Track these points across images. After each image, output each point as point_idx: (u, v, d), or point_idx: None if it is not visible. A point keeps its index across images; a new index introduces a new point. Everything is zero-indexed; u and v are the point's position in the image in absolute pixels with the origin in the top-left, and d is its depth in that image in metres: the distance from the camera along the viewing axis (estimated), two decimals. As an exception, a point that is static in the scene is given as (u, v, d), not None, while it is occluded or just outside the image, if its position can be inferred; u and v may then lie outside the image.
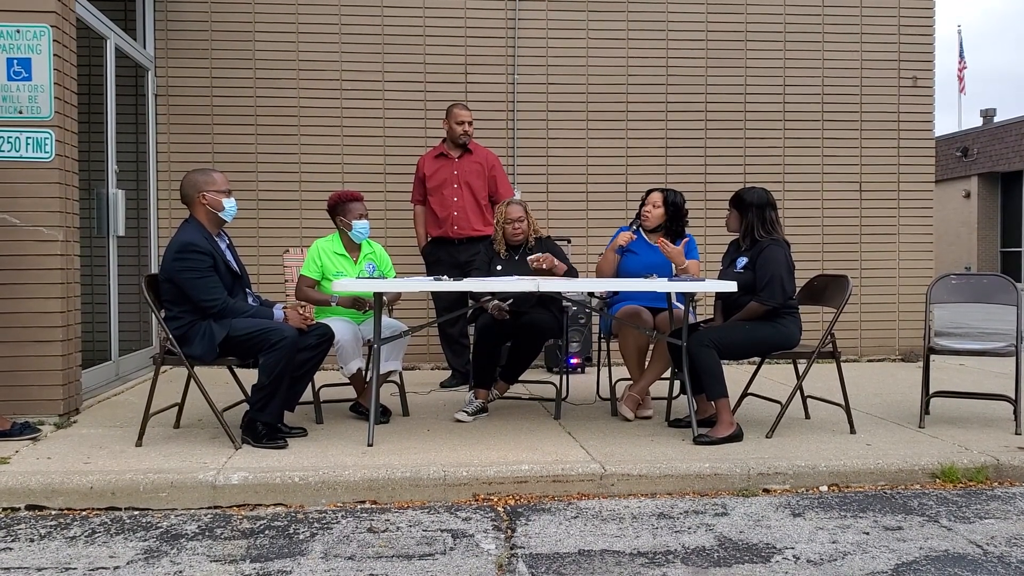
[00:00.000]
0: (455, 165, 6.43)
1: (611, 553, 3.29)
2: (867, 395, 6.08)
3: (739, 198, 4.94)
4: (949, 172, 24.23)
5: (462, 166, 6.42)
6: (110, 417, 5.20)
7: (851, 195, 8.08)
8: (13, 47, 4.90)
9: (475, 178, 6.41)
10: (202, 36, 7.38)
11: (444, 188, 6.41)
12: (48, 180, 4.93)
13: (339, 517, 3.71)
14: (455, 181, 6.39)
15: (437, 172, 6.45)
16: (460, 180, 6.39)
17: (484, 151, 6.58)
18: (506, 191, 6.45)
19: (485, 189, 6.43)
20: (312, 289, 5.16)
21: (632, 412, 5.18)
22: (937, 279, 5.32)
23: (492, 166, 6.50)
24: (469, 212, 6.36)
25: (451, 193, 6.39)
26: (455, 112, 6.42)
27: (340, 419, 5.18)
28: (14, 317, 4.88)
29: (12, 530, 3.53)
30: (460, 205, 6.37)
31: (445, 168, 6.44)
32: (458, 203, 6.37)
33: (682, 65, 7.86)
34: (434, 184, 6.44)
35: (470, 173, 6.41)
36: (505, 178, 6.64)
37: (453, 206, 6.38)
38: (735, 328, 4.78)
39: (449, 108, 6.50)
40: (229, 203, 4.62)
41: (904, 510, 3.83)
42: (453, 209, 6.37)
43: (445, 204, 6.40)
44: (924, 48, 8.12)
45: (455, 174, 6.41)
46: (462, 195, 6.38)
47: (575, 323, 7.01)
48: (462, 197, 6.37)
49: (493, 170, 6.49)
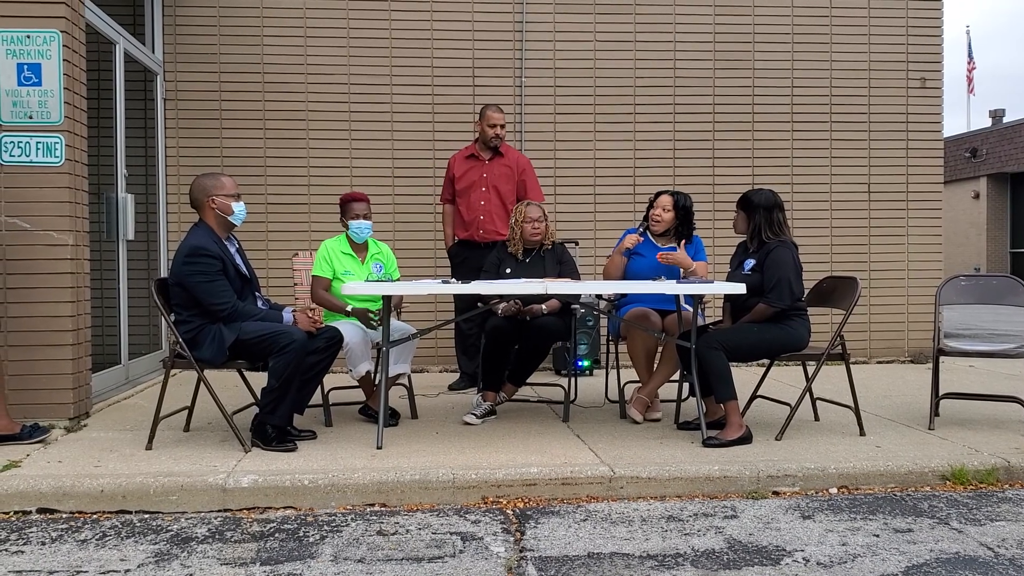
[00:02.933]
0: (485, 167, 6.36)
1: (620, 556, 3.29)
2: (876, 397, 6.06)
3: (746, 200, 4.93)
4: (958, 173, 24.12)
5: (492, 169, 6.35)
6: (120, 421, 5.22)
7: (859, 196, 8.07)
8: (23, 52, 4.92)
9: (504, 182, 6.33)
10: (210, 40, 7.40)
11: (472, 191, 6.35)
12: (58, 184, 4.95)
13: (348, 520, 3.72)
14: (483, 184, 6.32)
15: (466, 173, 6.39)
16: (488, 183, 6.32)
17: (516, 154, 6.50)
18: (535, 196, 6.30)
19: (513, 193, 6.32)
20: (328, 293, 5.17)
21: (641, 414, 5.17)
22: (946, 280, 5.31)
23: (523, 170, 6.40)
24: (495, 216, 6.27)
25: (478, 196, 6.33)
26: (488, 114, 6.34)
27: (349, 422, 5.19)
28: (25, 321, 4.90)
29: (24, 533, 3.55)
30: (486, 208, 6.30)
31: (475, 170, 6.38)
32: (484, 207, 6.30)
33: (690, 67, 7.86)
34: (463, 186, 6.39)
35: (499, 176, 6.33)
36: (535, 182, 6.48)
37: (479, 209, 6.31)
38: (744, 330, 4.77)
39: (482, 110, 6.42)
40: (238, 207, 4.63)
41: (914, 512, 3.82)
42: (479, 212, 6.31)
43: (472, 207, 6.34)
44: (932, 48, 8.10)
45: (484, 176, 6.34)
46: (489, 198, 6.30)
47: (583, 325, 7.00)
48: (489, 201, 6.30)
49: (523, 174, 6.39)
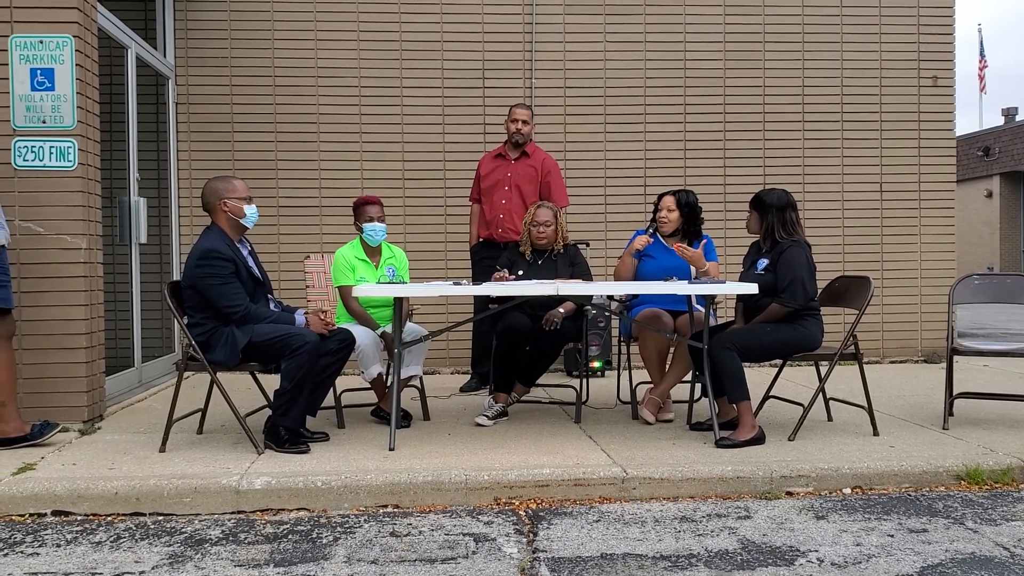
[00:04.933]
0: (510, 167, 6.34)
1: (633, 557, 3.28)
2: (890, 397, 6.03)
3: (759, 200, 4.92)
4: (970, 172, 24.00)
5: (516, 169, 6.33)
6: (133, 423, 5.25)
7: (871, 196, 8.04)
8: (36, 57, 4.95)
9: (527, 182, 6.29)
10: (222, 45, 7.44)
11: (495, 190, 6.34)
12: (71, 188, 4.98)
13: (362, 521, 3.72)
14: (506, 183, 6.31)
15: (492, 173, 6.39)
16: (511, 183, 6.29)
17: (542, 155, 6.44)
18: (559, 198, 6.27)
19: (535, 194, 6.25)
20: (363, 309, 5.16)
21: (653, 415, 5.16)
22: (960, 279, 5.29)
23: (548, 171, 6.34)
24: (515, 216, 6.20)
25: (500, 196, 6.31)
26: (512, 110, 6.35)
27: (361, 424, 5.19)
28: (39, 324, 4.93)
29: (39, 535, 3.56)
30: (507, 208, 6.28)
31: (500, 169, 6.37)
32: (505, 206, 6.28)
33: (700, 67, 7.85)
34: (487, 185, 6.38)
35: (522, 177, 6.30)
36: (560, 184, 6.41)
37: (500, 208, 6.30)
38: (756, 330, 4.75)
39: (510, 107, 6.43)
40: (250, 210, 4.65)
41: (929, 512, 3.80)
42: (500, 212, 6.30)
43: (494, 206, 6.33)
44: (944, 47, 8.07)
45: (508, 176, 6.32)
46: (511, 198, 6.28)
47: (595, 326, 6.99)
48: (510, 200, 6.28)
49: (548, 175, 6.34)
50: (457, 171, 7.45)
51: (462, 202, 6.94)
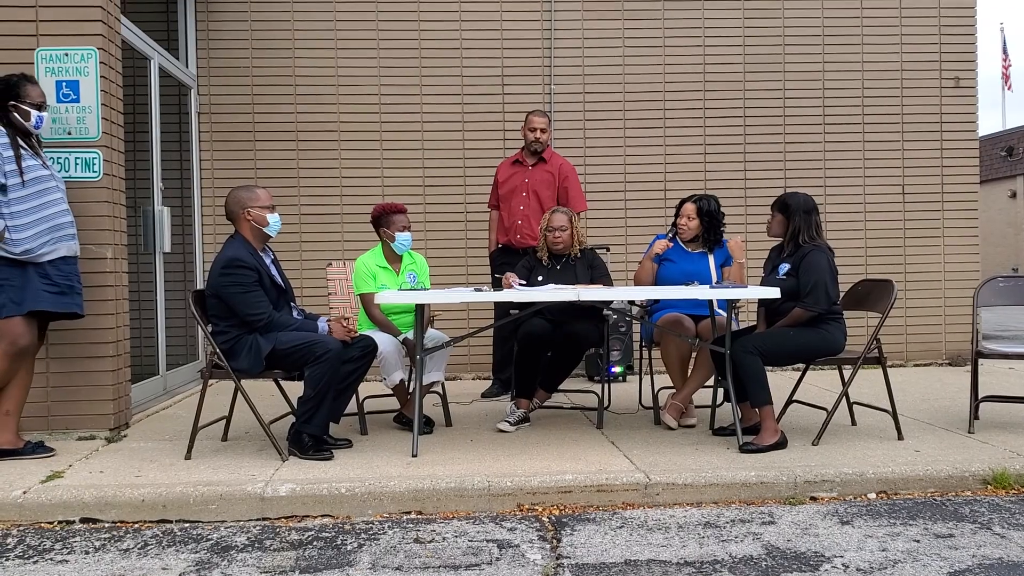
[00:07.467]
0: (527, 173, 6.37)
1: (657, 563, 3.28)
2: (914, 400, 5.99)
3: (784, 203, 4.88)
4: (994, 172, 23.75)
5: (533, 175, 6.35)
6: (159, 431, 5.29)
7: (894, 198, 7.98)
8: (62, 70, 5.02)
9: (544, 188, 6.31)
10: (243, 55, 7.50)
11: (513, 196, 6.37)
12: (96, 199, 5.04)
13: (385, 528, 3.74)
14: (524, 189, 6.33)
15: (509, 179, 6.42)
16: (529, 189, 6.31)
17: (559, 161, 6.46)
18: (577, 203, 6.28)
19: (553, 199, 6.25)
20: (385, 316, 5.19)
21: (676, 420, 5.15)
22: (984, 281, 5.24)
23: (565, 176, 6.36)
24: (533, 222, 6.19)
25: (518, 202, 6.34)
26: (529, 118, 6.38)
27: (384, 430, 5.22)
28: (65, 334, 4.98)
29: (68, 543, 3.60)
30: (525, 214, 6.29)
31: (517, 176, 6.40)
32: (523, 212, 6.30)
33: (720, 70, 7.83)
34: (505, 191, 6.41)
35: (540, 182, 6.32)
36: (578, 190, 6.44)
37: (518, 215, 6.32)
38: (779, 335, 4.73)
39: (527, 114, 6.47)
40: (273, 218, 4.68)
41: (955, 517, 3.77)
42: (518, 218, 6.32)
43: (512, 212, 6.35)
44: (966, 47, 8.01)
45: (525, 182, 6.35)
46: (528, 204, 6.29)
47: (616, 331, 6.99)
48: (528, 206, 6.29)
49: (566, 181, 6.35)
50: (477, 178, 7.46)
51: (482, 208, 6.96)
